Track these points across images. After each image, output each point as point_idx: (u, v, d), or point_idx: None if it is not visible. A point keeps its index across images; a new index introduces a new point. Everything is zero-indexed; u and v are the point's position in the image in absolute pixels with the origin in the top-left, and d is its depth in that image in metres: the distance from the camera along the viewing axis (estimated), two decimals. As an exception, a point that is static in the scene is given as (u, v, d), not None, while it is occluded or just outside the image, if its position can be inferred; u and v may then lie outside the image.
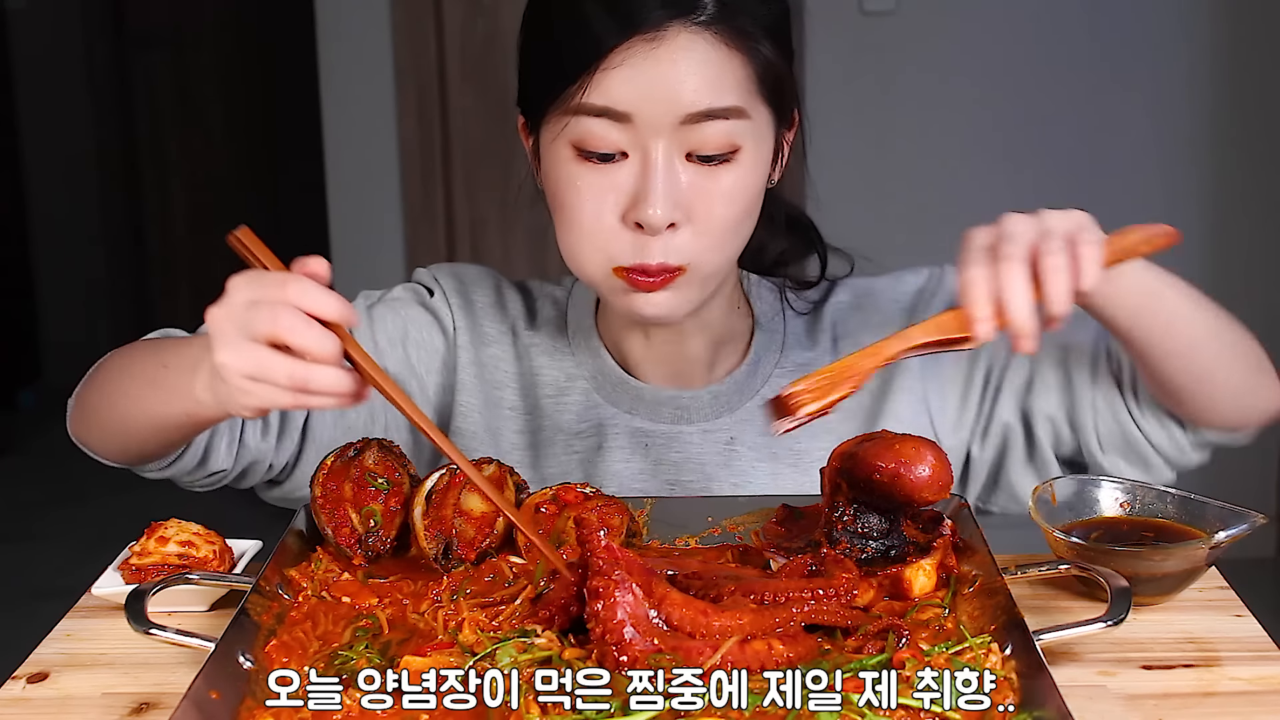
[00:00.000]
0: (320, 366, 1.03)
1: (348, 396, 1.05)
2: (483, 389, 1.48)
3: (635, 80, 1.23)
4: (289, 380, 1.03)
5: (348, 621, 1.09)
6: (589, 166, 1.27)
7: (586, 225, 1.29)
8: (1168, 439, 1.36)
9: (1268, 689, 1.05)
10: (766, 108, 1.30)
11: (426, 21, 3.84)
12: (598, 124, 1.25)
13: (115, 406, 1.30)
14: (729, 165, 1.28)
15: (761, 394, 1.44)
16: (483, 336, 1.49)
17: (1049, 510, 1.24)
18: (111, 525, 1.45)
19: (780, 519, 1.23)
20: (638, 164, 1.26)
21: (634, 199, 1.26)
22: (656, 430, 1.44)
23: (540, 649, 0.99)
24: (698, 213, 1.27)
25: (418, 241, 3.92)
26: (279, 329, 1.01)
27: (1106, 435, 1.37)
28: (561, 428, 1.45)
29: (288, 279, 1.03)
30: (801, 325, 1.48)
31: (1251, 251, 3.69)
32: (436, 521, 1.20)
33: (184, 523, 1.26)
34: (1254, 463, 3.73)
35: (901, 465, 1.10)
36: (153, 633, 1.07)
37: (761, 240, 1.47)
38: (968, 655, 0.98)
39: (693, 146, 1.26)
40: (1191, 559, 1.17)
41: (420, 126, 3.88)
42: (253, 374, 1.03)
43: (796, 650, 0.99)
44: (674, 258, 1.28)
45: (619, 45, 1.23)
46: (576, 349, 1.48)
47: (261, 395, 1.05)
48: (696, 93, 1.24)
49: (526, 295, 1.53)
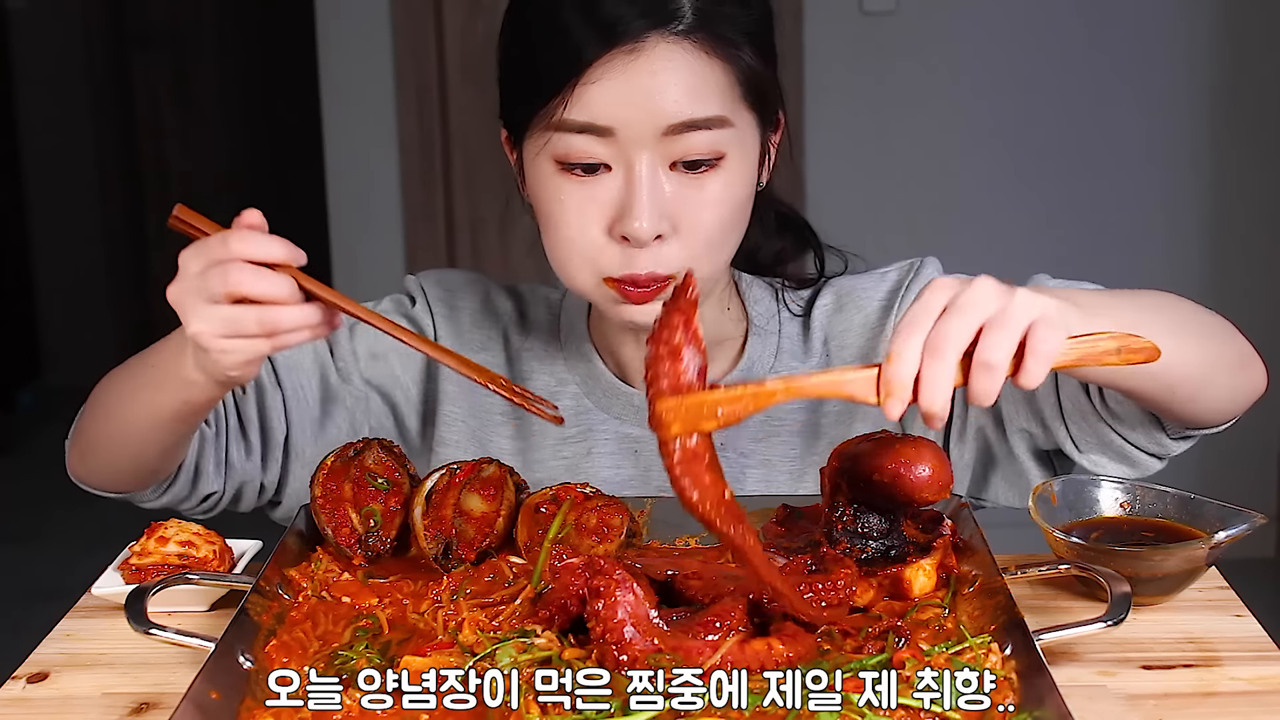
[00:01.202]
0: (284, 306, 1.09)
1: (320, 327, 1.11)
2: (468, 396, 1.47)
3: (616, 94, 1.22)
4: (260, 327, 1.08)
5: (348, 621, 1.09)
6: (573, 181, 1.27)
7: (573, 239, 1.28)
8: (1149, 440, 1.29)
9: (1268, 689, 1.05)
10: (750, 113, 1.29)
11: (426, 21, 3.84)
12: (580, 139, 1.25)
13: (112, 418, 1.32)
14: (714, 173, 1.27)
15: None
16: (469, 343, 1.49)
17: (1049, 510, 1.24)
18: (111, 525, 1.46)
19: (780, 519, 1.23)
20: (621, 177, 1.25)
21: (619, 212, 1.25)
22: (646, 436, 1.43)
23: (540, 649, 0.99)
24: (684, 222, 1.26)
25: (418, 241, 3.92)
26: (234, 284, 1.07)
27: (1081, 439, 1.31)
28: (551, 433, 1.45)
29: (228, 236, 1.09)
30: (797, 330, 1.47)
31: (1251, 252, 3.69)
32: (436, 521, 1.20)
33: (184, 523, 1.26)
34: (1254, 463, 3.73)
35: (901, 465, 1.10)
36: (153, 633, 1.07)
37: (756, 241, 1.47)
38: (968, 655, 0.98)
39: (677, 156, 1.25)
40: (1191, 559, 1.17)
41: (420, 126, 3.88)
42: (226, 332, 1.09)
43: (796, 650, 0.99)
44: (663, 267, 1.27)
45: (598, 59, 1.22)
46: (569, 353, 1.48)
47: (241, 349, 1.10)
48: (678, 103, 1.23)
49: (518, 299, 1.53)
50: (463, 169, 3.96)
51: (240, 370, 1.13)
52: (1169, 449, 1.30)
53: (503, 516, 1.21)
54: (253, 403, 1.42)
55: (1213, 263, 3.64)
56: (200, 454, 1.38)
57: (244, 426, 1.42)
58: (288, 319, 1.09)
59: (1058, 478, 1.28)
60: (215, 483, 1.40)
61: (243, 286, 1.07)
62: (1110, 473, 1.32)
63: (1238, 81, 3.65)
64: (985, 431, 1.38)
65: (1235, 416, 1.28)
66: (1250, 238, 3.69)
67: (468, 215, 3.99)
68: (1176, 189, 3.65)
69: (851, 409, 1.41)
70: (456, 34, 3.88)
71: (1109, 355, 1.00)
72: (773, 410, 1.42)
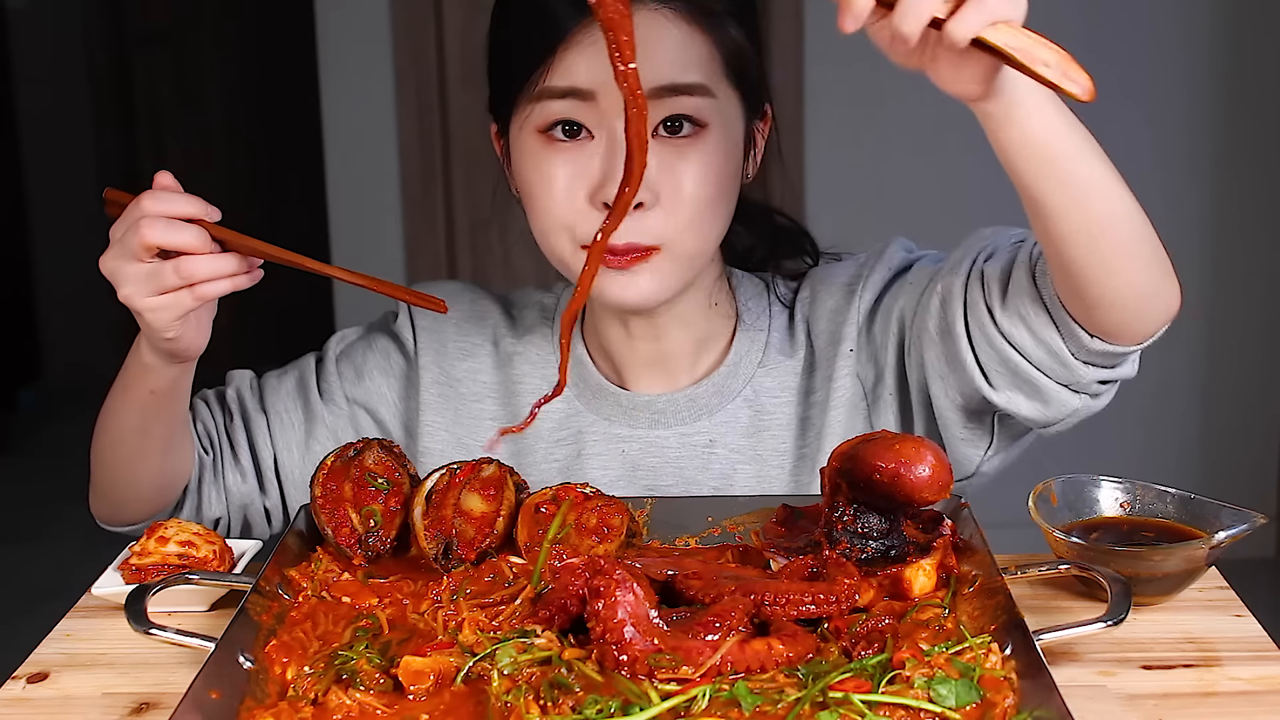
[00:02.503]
0: (199, 255, 1.18)
1: (240, 274, 1.20)
2: (452, 405, 1.48)
3: (597, 59, 1.24)
4: (179, 277, 1.17)
5: (348, 621, 1.09)
6: (556, 149, 1.28)
7: (555, 208, 1.29)
8: (1040, 349, 1.21)
9: (1268, 689, 1.05)
10: (734, 90, 1.31)
11: (426, 21, 3.84)
12: (562, 105, 1.27)
13: (103, 438, 1.39)
14: (695, 142, 1.28)
15: (742, 395, 1.43)
16: (454, 352, 1.49)
17: (1049, 510, 1.24)
18: (111, 525, 1.47)
19: (780, 519, 1.23)
20: (604, 143, 1.27)
21: (602, 178, 1.27)
22: (633, 435, 1.44)
23: (540, 649, 0.99)
24: (666, 191, 1.27)
25: (418, 241, 3.92)
26: (146, 237, 1.17)
27: (984, 358, 1.25)
28: (542, 436, 1.45)
29: (140, 198, 1.19)
30: (784, 323, 1.46)
31: (1251, 252, 3.69)
32: (436, 521, 1.20)
33: (184, 522, 1.26)
34: (1254, 463, 3.73)
35: (901, 465, 1.10)
36: (153, 633, 1.07)
37: (750, 243, 1.47)
38: (968, 655, 0.98)
39: (658, 118, 1.26)
40: (1191, 559, 1.17)
41: (420, 126, 3.88)
42: (150, 289, 1.19)
43: (796, 650, 0.99)
44: (644, 237, 1.28)
45: (579, 25, 1.24)
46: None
47: (167, 304, 1.19)
48: (658, 68, 1.24)
49: (508, 305, 1.53)
50: (463, 169, 3.96)
51: (176, 331, 1.21)
52: (1074, 370, 1.22)
53: (503, 516, 1.21)
54: (240, 428, 1.47)
55: (1213, 264, 3.64)
56: (200, 478, 1.44)
57: (235, 451, 1.47)
58: (203, 268, 1.17)
59: (1058, 478, 1.28)
60: (219, 507, 1.46)
61: (154, 238, 1.16)
62: (1025, 413, 1.26)
63: (1238, 83, 3.64)
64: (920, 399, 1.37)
65: (1142, 333, 1.19)
66: (1251, 240, 3.69)
67: (467, 215, 3.99)
68: (1176, 190, 3.65)
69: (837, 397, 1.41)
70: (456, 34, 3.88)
71: (1045, 66, 0.98)
72: (761, 405, 1.43)
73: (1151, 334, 1.21)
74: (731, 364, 1.44)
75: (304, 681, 0.98)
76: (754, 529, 1.24)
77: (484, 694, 0.95)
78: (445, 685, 0.97)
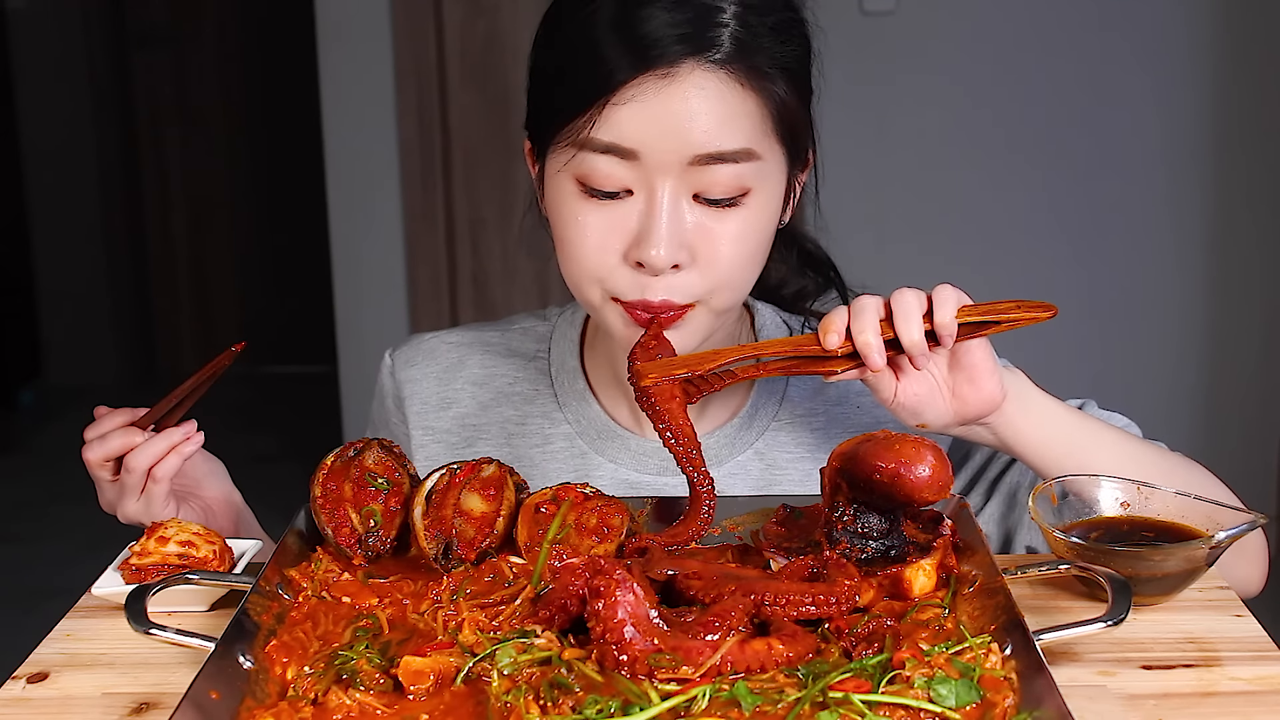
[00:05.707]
0: (138, 448, 1.32)
1: (179, 443, 1.33)
2: (445, 454, 1.47)
3: (644, 117, 1.20)
4: (138, 474, 1.33)
5: (348, 621, 1.09)
6: (593, 203, 1.25)
7: (587, 260, 1.26)
8: None
9: (1268, 689, 1.05)
10: (780, 147, 1.27)
11: (426, 21, 3.84)
12: (604, 160, 1.22)
13: None
14: (737, 208, 1.25)
15: (754, 448, 1.43)
16: (440, 402, 1.49)
17: (1049, 510, 1.24)
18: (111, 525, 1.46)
19: (780, 519, 1.23)
20: (642, 202, 1.23)
21: (637, 238, 1.24)
22: (642, 481, 1.42)
23: (540, 649, 0.99)
24: (702, 254, 1.25)
25: (418, 241, 3.92)
26: (89, 461, 1.35)
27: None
28: (549, 476, 1.43)
29: (85, 436, 1.35)
30: None
31: (1252, 252, 3.69)
32: (436, 521, 1.20)
33: (184, 523, 1.26)
34: (1254, 463, 3.73)
35: (901, 465, 1.10)
36: (153, 633, 1.07)
37: (779, 278, 1.46)
38: (968, 655, 0.98)
39: (701, 188, 1.23)
40: (1191, 559, 1.17)
41: (420, 126, 3.88)
42: (129, 495, 1.35)
43: (796, 650, 0.99)
44: (679, 296, 1.25)
45: (630, 80, 1.20)
46: (562, 395, 1.46)
47: (151, 493, 1.34)
48: (707, 133, 1.21)
49: (507, 341, 1.52)
50: (463, 169, 3.97)
51: (173, 508, 1.37)
52: None
53: (503, 516, 1.21)
54: None
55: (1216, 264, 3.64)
56: None
57: None
58: (142, 457, 1.32)
59: (1058, 478, 1.28)
60: None
61: (91, 456, 1.34)
62: None
63: (1241, 82, 3.65)
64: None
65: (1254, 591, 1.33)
66: (1254, 239, 3.69)
67: (467, 215, 3.99)
68: (1178, 188, 3.65)
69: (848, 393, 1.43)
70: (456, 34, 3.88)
71: (1010, 309, 1.19)
72: (774, 459, 1.43)
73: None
74: (747, 415, 1.43)
75: (304, 681, 0.98)
76: (754, 529, 1.24)
77: (484, 694, 0.96)
78: (445, 685, 0.97)
